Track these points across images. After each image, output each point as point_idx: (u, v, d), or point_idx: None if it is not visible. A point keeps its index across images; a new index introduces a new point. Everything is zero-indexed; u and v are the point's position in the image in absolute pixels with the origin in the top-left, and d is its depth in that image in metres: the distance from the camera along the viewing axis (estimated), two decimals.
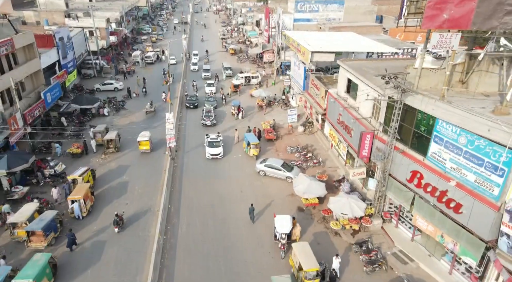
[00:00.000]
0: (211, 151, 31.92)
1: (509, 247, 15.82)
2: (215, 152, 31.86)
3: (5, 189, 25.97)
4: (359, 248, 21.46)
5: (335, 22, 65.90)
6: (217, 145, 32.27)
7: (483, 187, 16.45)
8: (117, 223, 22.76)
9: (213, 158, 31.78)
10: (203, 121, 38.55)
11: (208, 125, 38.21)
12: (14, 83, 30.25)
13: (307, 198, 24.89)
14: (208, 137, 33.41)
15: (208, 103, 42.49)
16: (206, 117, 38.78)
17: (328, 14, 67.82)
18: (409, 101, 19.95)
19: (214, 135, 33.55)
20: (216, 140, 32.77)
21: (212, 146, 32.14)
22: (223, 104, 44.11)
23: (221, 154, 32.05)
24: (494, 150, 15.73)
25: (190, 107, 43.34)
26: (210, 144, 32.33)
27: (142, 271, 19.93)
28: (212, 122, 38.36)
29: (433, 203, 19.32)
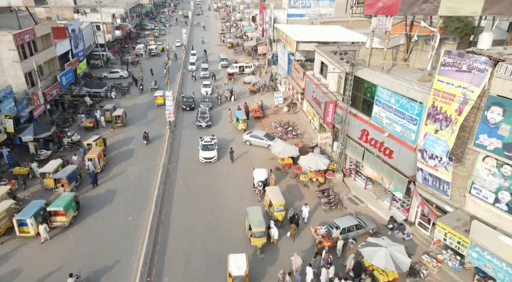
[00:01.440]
0: (205, 154, 31.68)
1: (422, 178, 21.29)
2: (209, 156, 31.65)
3: (31, 152, 31.66)
4: (322, 194, 26.97)
5: (326, 17, 71.24)
6: (211, 148, 32.10)
7: (405, 135, 21.94)
8: (145, 138, 34.23)
9: (206, 161, 31.71)
10: (198, 123, 38.69)
11: (203, 126, 38.31)
12: (36, 66, 36.01)
13: (283, 159, 30.40)
14: (203, 140, 33.03)
15: (204, 104, 42.78)
16: (201, 118, 38.82)
17: (320, 10, 73.10)
18: (359, 73, 25.43)
19: (208, 138, 33.30)
20: (210, 143, 32.53)
21: (206, 150, 31.95)
22: (218, 104, 44.63)
23: (215, 158, 31.85)
24: (411, 105, 21.21)
25: (187, 109, 43.19)
26: (204, 147, 32.14)
27: (146, 208, 25.49)
28: (207, 123, 38.46)
29: (376, 154, 24.81)
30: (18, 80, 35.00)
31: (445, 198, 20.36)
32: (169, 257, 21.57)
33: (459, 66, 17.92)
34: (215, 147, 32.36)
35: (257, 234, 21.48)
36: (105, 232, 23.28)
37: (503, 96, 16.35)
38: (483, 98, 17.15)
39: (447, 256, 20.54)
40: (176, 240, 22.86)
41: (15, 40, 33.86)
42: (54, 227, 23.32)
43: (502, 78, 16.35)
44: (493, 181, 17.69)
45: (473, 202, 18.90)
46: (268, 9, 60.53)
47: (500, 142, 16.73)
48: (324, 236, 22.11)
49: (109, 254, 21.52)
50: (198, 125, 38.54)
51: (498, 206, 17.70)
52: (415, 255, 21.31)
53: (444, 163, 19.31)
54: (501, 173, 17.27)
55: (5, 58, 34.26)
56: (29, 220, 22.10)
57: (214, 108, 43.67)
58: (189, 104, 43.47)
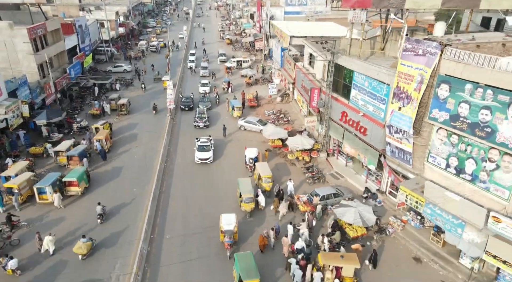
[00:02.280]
0: (200, 155, 31.78)
1: (390, 151, 24.59)
2: (205, 157, 31.76)
3: (44, 135, 35.10)
4: (307, 170, 30.30)
5: (322, 14, 74.54)
6: (207, 149, 32.24)
7: (376, 113, 25.26)
8: (154, 109, 40.72)
9: (202, 162, 31.87)
10: (195, 123, 39.04)
11: (201, 126, 38.62)
12: (48, 58, 39.47)
13: (273, 141, 33.75)
14: (199, 140, 33.22)
15: (202, 104, 43.15)
16: (199, 118, 39.12)
17: (316, 7, 76.23)
18: (339, 61, 28.74)
19: (204, 139, 33.55)
20: (206, 143, 32.66)
21: (202, 150, 32.07)
22: (217, 104, 45.37)
23: (211, 159, 32.00)
24: (381, 87, 24.53)
25: (185, 109, 43.56)
26: (200, 148, 32.28)
27: (149, 182, 28.86)
28: (205, 123, 38.76)
29: (354, 133, 28.13)
30: (31, 71, 38.45)
31: (408, 167, 23.67)
32: (170, 219, 24.95)
33: (416, 50, 21.25)
34: (211, 148, 32.49)
35: (246, 200, 24.84)
36: (113, 200, 26.61)
37: (450, 75, 19.62)
38: (434, 78, 20.45)
39: (410, 217, 23.85)
40: (176, 207, 26.24)
41: (29, 33, 37.33)
42: (69, 195, 26.74)
43: (448, 60, 19.63)
44: (444, 149, 20.98)
45: (430, 169, 22.19)
46: (265, 6, 63.85)
47: (448, 115, 20.01)
48: (305, 202, 25.43)
49: (118, 218, 24.90)
50: (196, 126, 38.85)
51: (448, 170, 20.98)
52: (385, 218, 24.61)
53: (406, 136, 22.63)
54: (450, 142, 20.56)
55: (20, 50, 37.74)
56: (47, 188, 25.50)
57: (213, 108, 44.18)
58: (188, 104, 43.84)
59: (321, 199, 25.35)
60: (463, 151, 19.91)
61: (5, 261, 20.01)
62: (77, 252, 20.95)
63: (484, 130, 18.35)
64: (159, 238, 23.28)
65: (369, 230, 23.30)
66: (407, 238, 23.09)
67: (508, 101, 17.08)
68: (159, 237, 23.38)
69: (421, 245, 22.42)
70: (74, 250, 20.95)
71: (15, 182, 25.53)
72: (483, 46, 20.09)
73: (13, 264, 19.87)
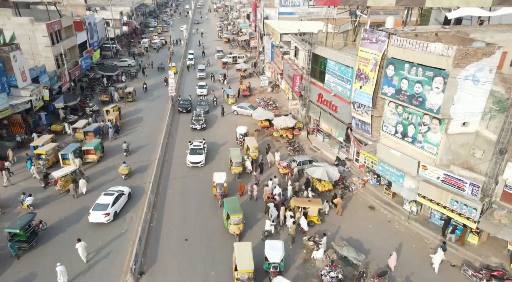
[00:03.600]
0: (192, 159, 32.16)
1: (355, 124, 30.12)
2: (196, 160, 32.13)
3: (61, 117, 40.63)
4: (289, 144, 35.82)
5: (314, 15, 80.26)
6: (200, 152, 32.59)
7: (344, 93, 30.82)
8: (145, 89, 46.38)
9: (193, 166, 32.26)
10: (192, 125, 39.83)
11: (198, 129, 39.38)
12: (63, 50, 45.10)
13: (262, 121, 39.31)
14: (191, 144, 33.83)
15: (200, 107, 43.96)
16: (196, 121, 39.85)
17: (308, 8, 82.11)
18: (316, 51, 34.33)
19: (197, 142, 34.02)
20: (199, 147, 33.07)
21: (195, 154, 32.48)
22: (214, 106, 46.44)
23: (203, 163, 32.37)
24: (347, 70, 30.08)
25: (183, 111, 44.42)
26: (192, 151, 32.74)
27: (154, 153, 34.32)
28: (201, 126, 39.50)
29: (328, 112, 33.69)
30: (49, 62, 44.05)
31: (368, 136, 29.19)
32: (172, 179, 30.45)
33: (371, 39, 26.81)
34: (203, 151, 32.92)
35: (235, 164, 30.33)
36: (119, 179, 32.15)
37: (394, 58, 25.16)
38: (384, 60, 26.00)
39: (370, 177, 29.34)
40: (177, 171, 31.72)
41: (47, 28, 42.97)
42: (87, 162, 32.22)
43: (393, 46, 25.18)
44: (393, 118, 26.47)
45: (384, 136, 27.66)
46: (260, 7, 69.61)
47: (394, 89, 25.51)
48: (285, 167, 30.93)
49: (128, 181, 30.24)
50: (193, 128, 39.54)
51: (396, 135, 26.46)
52: (351, 179, 30.09)
53: (366, 109, 28.17)
54: (397, 112, 26.07)
55: (39, 43, 43.35)
56: (70, 155, 30.97)
57: (210, 111, 44.91)
58: (186, 107, 44.74)
59: (298, 164, 30.81)
60: (406, 118, 25.42)
61: (23, 197, 25.66)
62: (121, 172, 30.13)
63: (418, 99, 23.85)
64: (163, 193, 28.80)
65: (336, 188, 28.76)
66: (366, 193, 28.57)
67: (432, 76, 22.59)
68: (163, 191, 28.90)
69: (376, 197, 27.91)
70: (119, 171, 30.24)
71: (43, 150, 31.07)
72: (420, 35, 25.61)
73: (29, 200, 25.55)
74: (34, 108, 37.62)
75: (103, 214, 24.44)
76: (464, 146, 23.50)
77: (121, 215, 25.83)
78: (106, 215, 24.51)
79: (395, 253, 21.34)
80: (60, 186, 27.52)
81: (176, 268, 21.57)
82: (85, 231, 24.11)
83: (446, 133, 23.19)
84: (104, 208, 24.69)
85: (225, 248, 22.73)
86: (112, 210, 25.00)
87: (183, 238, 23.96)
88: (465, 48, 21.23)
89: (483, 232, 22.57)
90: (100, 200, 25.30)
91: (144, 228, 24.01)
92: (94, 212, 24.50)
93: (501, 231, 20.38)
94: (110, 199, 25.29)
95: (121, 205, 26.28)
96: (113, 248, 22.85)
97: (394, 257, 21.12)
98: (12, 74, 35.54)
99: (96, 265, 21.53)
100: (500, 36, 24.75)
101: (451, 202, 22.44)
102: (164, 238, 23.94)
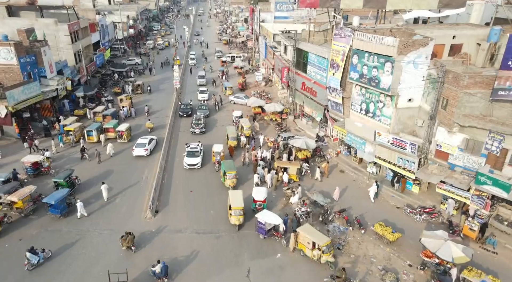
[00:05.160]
0: (189, 161, 33.49)
1: (330, 105, 36.77)
2: (193, 162, 33.50)
3: (81, 105, 47.34)
4: (277, 126, 42.46)
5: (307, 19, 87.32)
6: (196, 155, 34.02)
7: (321, 80, 37.52)
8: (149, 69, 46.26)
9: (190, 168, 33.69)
10: (192, 129, 41.27)
11: (197, 133, 40.75)
12: (81, 48, 51.92)
13: (255, 108, 45.98)
14: (188, 146, 35.13)
15: (200, 111, 45.52)
16: (196, 125, 41.23)
17: (301, 13, 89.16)
18: (300, 46, 41.08)
19: (194, 144, 35.46)
20: (196, 149, 34.49)
21: (192, 156, 33.83)
22: (216, 110, 48.28)
23: (199, 165, 33.71)
24: (323, 61, 36.81)
25: (184, 115, 46.05)
26: (189, 153, 34.14)
27: (163, 132, 40.95)
28: (201, 130, 40.92)
29: (310, 97, 40.37)
30: (69, 57, 50.83)
31: (341, 115, 35.81)
32: (178, 151, 37.06)
33: (341, 34, 33.53)
34: (200, 154, 34.44)
35: (231, 139, 36.92)
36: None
37: (357, 49, 31.82)
38: (350, 51, 32.69)
39: (342, 148, 35.89)
40: (182, 147, 38.20)
41: (69, 28, 49.82)
42: (108, 138, 38.77)
43: (356, 39, 31.86)
44: (359, 98, 33.08)
45: (352, 113, 34.25)
46: (256, 12, 76.68)
47: (358, 74, 32.15)
48: (272, 141, 37.51)
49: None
50: (192, 132, 41.06)
51: (361, 112, 33.03)
52: (326, 151, 36.64)
53: (337, 92, 34.83)
54: (361, 93, 32.69)
55: (61, 41, 50.13)
56: (93, 131, 37.62)
57: (211, 115, 46.67)
58: (187, 111, 46.46)
59: (283, 139, 37.40)
60: (368, 98, 32.05)
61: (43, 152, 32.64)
62: (148, 126, 41.00)
63: (375, 81, 30.47)
64: (171, 160, 35.41)
65: (314, 156, 35.29)
66: (338, 161, 35.09)
67: (384, 61, 29.21)
68: (171, 159, 35.51)
69: (346, 164, 34.44)
70: (146, 125, 41.13)
71: (72, 127, 37.73)
72: (379, 31, 32.27)
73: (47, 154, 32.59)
74: (59, 96, 44.29)
75: (143, 149, 35.57)
76: (410, 118, 30.10)
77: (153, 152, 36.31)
78: (145, 150, 35.58)
79: (338, 188, 28.98)
80: (125, 136, 38.33)
81: (183, 209, 28.09)
82: (109, 185, 30.63)
83: (396, 108, 29.79)
84: (144, 145, 35.93)
85: (221, 196, 29.26)
86: (149, 148, 35.92)
87: (189, 190, 30.52)
88: (405, 39, 27.94)
89: (422, 184, 29.11)
90: (140, 141, 36.68)
91: (158, 183, 30.59)
92: (136, 148, 35.65)
93: (431, 178, 26.93)
94: (146, 140, 36.57)
95: (153, 146, 37.11)
96: (133, 195, 29.41)
97: (338, 190, 29.05)
98: (42, 67, 42.26)
99: (122, 206, 28.05)
100: (438, 32, 31.42)
101: (398, 159, 29.02)
102: (174, 190, 30.52)
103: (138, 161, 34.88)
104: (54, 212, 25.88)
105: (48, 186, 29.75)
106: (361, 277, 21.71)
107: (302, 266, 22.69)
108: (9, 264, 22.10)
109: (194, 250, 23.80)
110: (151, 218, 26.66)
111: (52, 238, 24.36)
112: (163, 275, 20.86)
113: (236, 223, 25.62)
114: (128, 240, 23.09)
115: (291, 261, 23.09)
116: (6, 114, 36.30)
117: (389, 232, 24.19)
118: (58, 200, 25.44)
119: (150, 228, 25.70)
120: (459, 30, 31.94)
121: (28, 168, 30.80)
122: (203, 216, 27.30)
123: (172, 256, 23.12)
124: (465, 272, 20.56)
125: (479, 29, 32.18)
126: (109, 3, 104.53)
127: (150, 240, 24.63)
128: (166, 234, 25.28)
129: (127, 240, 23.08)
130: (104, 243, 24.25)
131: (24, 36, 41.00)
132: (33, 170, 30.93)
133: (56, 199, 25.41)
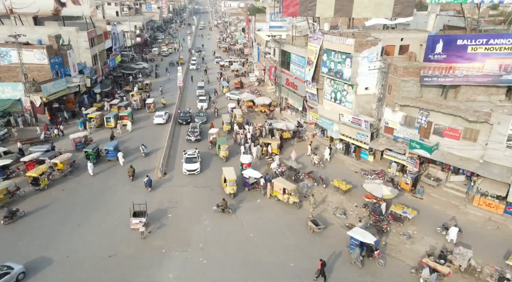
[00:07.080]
0: (188, 167, 35.17)
1: (308, 96, 44.78)
2: (192, 168, 35.18)
3: (98, 100, 55.57)
4: (266, 116, 50.48)
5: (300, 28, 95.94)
6: (195, 161, 35.54)
7: (301, 75, 45.62)
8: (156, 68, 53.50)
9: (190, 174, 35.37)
10: (187, 137, 42.92)
11: (192, 140, 42.34)
12: (97, 52, 60.34)
13: (247, 101, 54.09)
14: (186, 153, 36.72)
15: (198, 118, 48.36)
16: (191, 132, 42.80)
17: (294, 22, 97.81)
18: (284, 48, 49.29)
19: (191, 151, 36.94)
20: (193, 156, 36.02)
21: (190, 162, 35.40)
22: (215, 117, 51.20)
23: (198, 170, 35.33)
24: (302, 59, 44.95)
25: (183, 123, 48.14)
26: (187, 160, 35.63)
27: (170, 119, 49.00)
28: (196, 137, 42.49)
29: (292, 90, 48.45)
30: (88, 60, 59.22)
31: (316, 103, 43.82)
32: (181, 134, 45.06)
33: (314, 37, 41.72)
34: (198, 160, 35.94)
35: (226, 124, 44.97)
36: (149, 128, 46.80)
37: (326, 48, 39.89)
38: (321, 50, 40.79)
39: (317, 131, 43.78)
40: (184, 128, 46.10)
41: (88, 35, 58.31)
42: (123, 125, 46.80)
43: (325, 41, 39.97)
44: (329, 89, 41.08)
45: (325, 101, 42.22)
46: (252, 22, 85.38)
47: (327, 69, 40.18)
48: (260, 126, 45.46)
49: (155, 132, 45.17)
50: (188, 140, 42.77)
51: (331, 100, 41.01)
52: (304, 134, 44.54)
53: (312, 85, 42.87)
54: (330, 84, 40.72)
55: (81, 46, 58.59)
56: (111, 119, 45.76)
57: (210, 120, 48.99)
58: (186, 119, 48.68)
59: (269, 125, 45.37)
60: (335, 88, 40.07)
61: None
62: (162, 102, 53.71)
63: (339, 74, 38.47)
64: (175, 140, 43.47)
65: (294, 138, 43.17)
66: (314, 141, 42.97)
67: (345, 57, 37.26)
68: (175, 139, 43.57)
69: (320, 142, 42.29)
70: (161, 101, 53.70)
71: (94, 115, 45.89)
72: (344, 34, 40.38)
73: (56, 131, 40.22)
74: (80, 91, 52.51)
75: (162, 118, 48.02)
76: (367, 103, 38.04)
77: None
78: (163, 119, 47.87)
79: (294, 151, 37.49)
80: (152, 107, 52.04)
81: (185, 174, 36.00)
82: (126, 156, 38.50)
83: (356, 95, 37.78)
84: (161, 115, 48.42)
85: (217, 166, 37.09)
86: (165, 117, 48.20)
87: None
88: (359, 40, 36.08)
89: (376, 153, 36.94)
90: (157, 113, 49.15)
91: (165, 155, 38.56)
92: (156, 118, 48.09)
93: (380, 147, 34.78)
94: (163, 112, 48.85)
95: (167, 117, 48.85)
96: (146, 163, 37.34)
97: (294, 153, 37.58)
98: (68, 67, 50.57)
99: (138, 168, 35.90)
100: (390, 35, 39.61)
101: (356, 135, 36.90)
102: (177, 160, 38.39)
103: (158, 127, 46.23)
104: (111, 156, 37.08)
105: (79, 156, 37.70)
106: (319, 213, 29.44)
107: (276, 206, 30.49)
108: (58, 204, 30.07)
109: (194, 197, 31.68)
110: (161, 177, 34.57)
111: (85, 190, 32.29)
112: (147, 185, 32.02)
113: (231, 192, 31.19)
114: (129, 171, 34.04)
115: (268, 204, 30.91)
116: (40, 104, 44.48)
117: (344, 184, 31.94)
118: (114, 147, 37.30)
119: (161, 183, 33.66)
120: (405, 33, 40.15)
121: (78, 143, 39.36)
122: (201, 176, 35.19)
123: (178, 199, 31.02)
124: (393, 207, 28.30)
125: (420, 33, 40.38)
126: (117, 14, 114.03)
127: (161, 191, 32.54)
128: (172, 188, 33.17)
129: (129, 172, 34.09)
130: (127, 192, 32.13)
131: (53, 41, 49.36)
132: (81, 144, 39.35)
133: (113, 146, 37.23)
